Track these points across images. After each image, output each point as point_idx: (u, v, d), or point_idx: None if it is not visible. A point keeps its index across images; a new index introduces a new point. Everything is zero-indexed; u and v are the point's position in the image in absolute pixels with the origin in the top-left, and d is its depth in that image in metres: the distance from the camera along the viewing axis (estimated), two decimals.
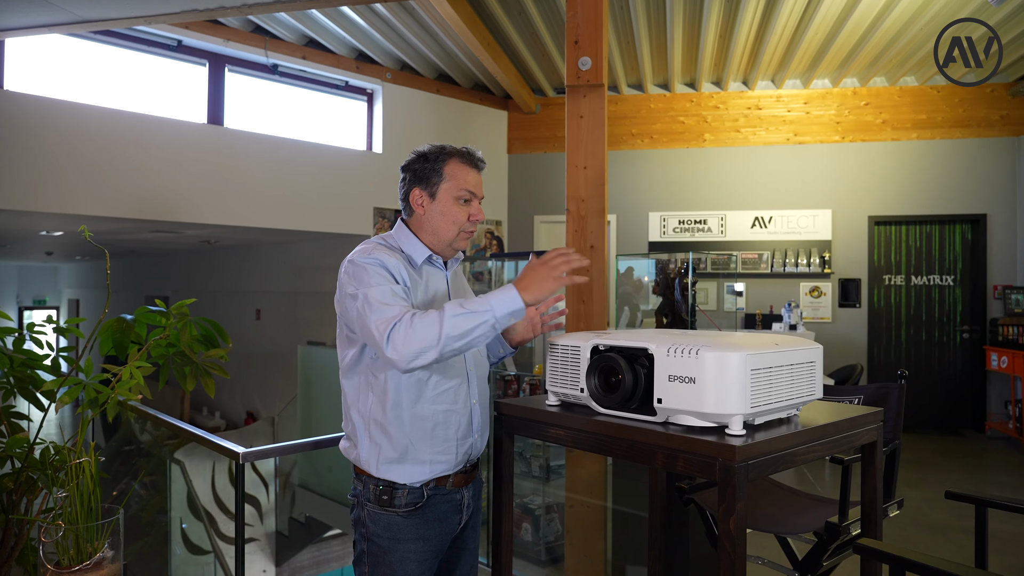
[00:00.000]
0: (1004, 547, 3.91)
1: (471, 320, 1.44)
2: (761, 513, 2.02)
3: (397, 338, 1.45)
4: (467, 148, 1.75)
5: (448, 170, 1.70)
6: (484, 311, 1.45)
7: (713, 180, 7.61)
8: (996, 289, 6.94)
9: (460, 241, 1.73)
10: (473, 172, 1.73)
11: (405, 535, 1.63)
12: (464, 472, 1.71)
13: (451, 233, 1.71)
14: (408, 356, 1.44)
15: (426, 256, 1.71)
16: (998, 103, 7.02)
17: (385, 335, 1.46)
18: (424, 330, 1.44)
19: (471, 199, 1.72)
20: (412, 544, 1.63)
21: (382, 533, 1.63)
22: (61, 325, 1.63)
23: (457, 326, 1.44)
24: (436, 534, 1.67)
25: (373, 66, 7.00)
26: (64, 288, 15.55)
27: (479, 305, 1.46)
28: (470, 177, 1.72)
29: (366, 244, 1.67)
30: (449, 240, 1.72)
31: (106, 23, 4.29)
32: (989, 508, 1.83)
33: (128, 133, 5.26)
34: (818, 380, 1.52)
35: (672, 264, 4.42)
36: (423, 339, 1.43)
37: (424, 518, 1.64)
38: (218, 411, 9.18)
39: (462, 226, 1.71)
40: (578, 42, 3.57)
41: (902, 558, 1.29)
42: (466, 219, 1.71)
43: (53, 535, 1.25)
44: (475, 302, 1.47)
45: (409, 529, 1.63)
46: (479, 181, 1.74)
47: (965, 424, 7.11)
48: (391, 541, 1.62)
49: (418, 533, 1.64)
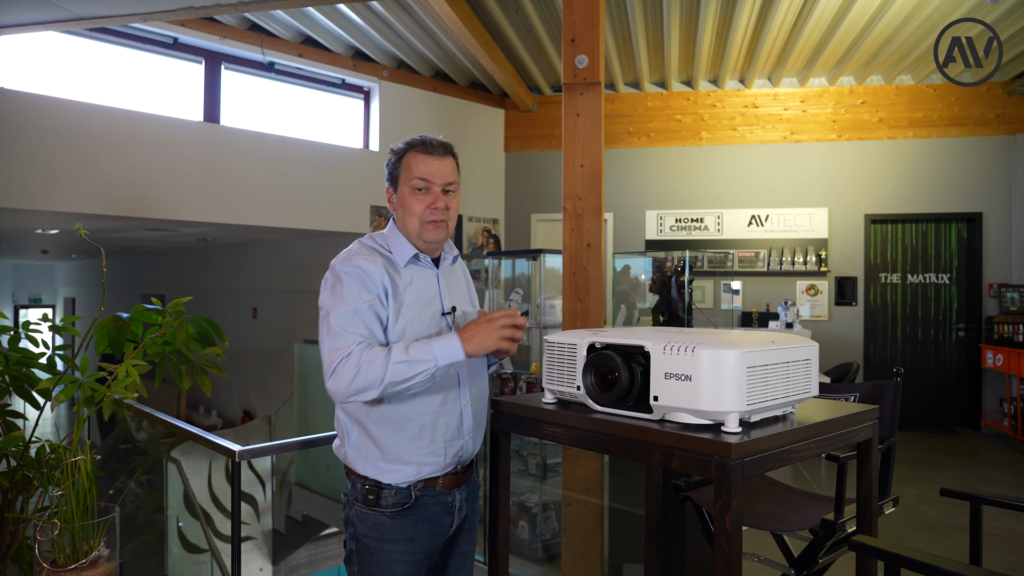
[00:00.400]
0: (999, 544, 3.93)
1: (413, 368, 1.49)
2: (757, 511, 2.03)
3: (340, 374, 1.50)
4: (423, 136, 1.70)
5: (405, 162, 1.68)
6: (427, 360, 1.50)
7: (710, 178, 7.62)
8: (992, 287, 6.97)
9: (427, 232, 1.66)
10: (429, 159, 1.66)
11: (392, 536, 1.60)
12: (455, 474, 1.68)
13: (414, 225, 1.66)
14: (346, 393, 1.50)
15: (411, 255, 1.67)
16: (994, 102, 7.04)
17: (331, 367, 1.51)
18: (367, 372, 1.49)
19: (427, 187, 1.65)
20: (400, 545, 1.60)
21: (369, 533, 1.62)
22: (57, 323, 1.63)
23: (399, 373, 1.49)
24: (425, 536, 1.63)
25: (370, 64, 6.99)
26: (60, 286, 15.51)
27: (422, 354, 1.50)
28: (422, 165, 1.65)
29: (353, 246, 1.68)
30: (415, 233, 1.67)
31: (102, 20, 4.28)
32: (984, 505, 1.84)
33: (124, 131, 5.25)
34: (814, 378, 1.52)
35: (669, 262, 4.43)
36: (364, 380, 1.49)
37: (412, 519, 1.62)
38: (215, 409, 9.17)
39: (421, 216, 1.65)
40: (575, 40, 3.57)
41: (897, 555, 1.30)
42: (424, 208, 1.65)
43: (49, 534, 1.25)
44: (420, 349, 1.50)
45: (396, 530, 1.61)
46: (439, 169, 1.66)
47: (961, 422, 7.14)
48: (378, 541, 1.61)
49: (406, 534, 1.61)
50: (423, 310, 1.66)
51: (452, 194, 1.70)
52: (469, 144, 7.82)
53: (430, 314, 1.67)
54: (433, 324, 1.66)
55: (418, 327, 1.63)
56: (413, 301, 1.65)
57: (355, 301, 1.56)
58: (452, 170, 1.70)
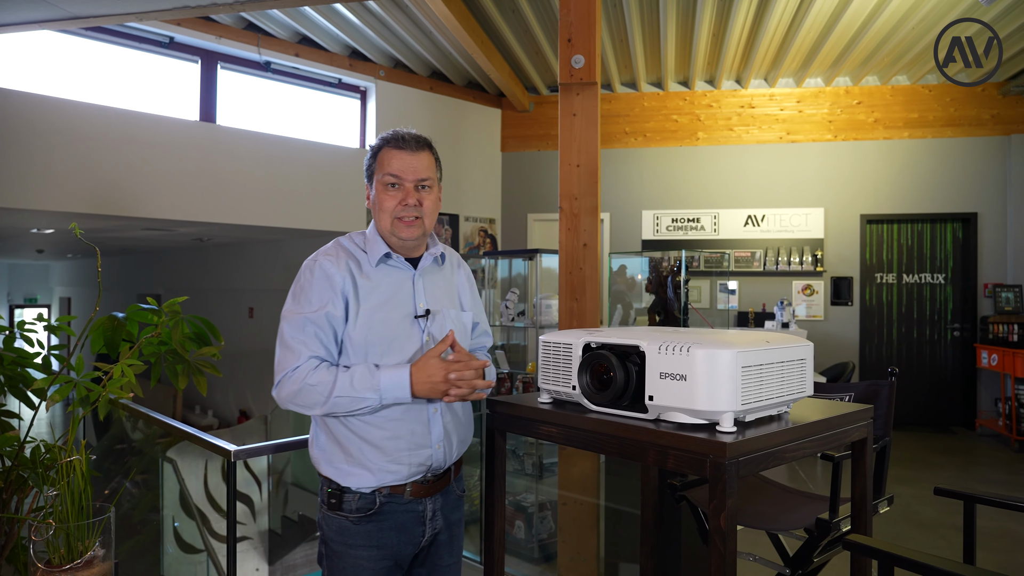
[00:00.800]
0: (993, 543, 3.95)
1: (355, 403, 1.49)
2: (752, 510, 2.03)
3: (283, 387, 1.51)
4: (397, 130, 1.65)
5: (379, 158, 1.63)
6: (370, 397, 1.48)
7: (706, 178, 7.63)
8: (987, 287, 6.99)
9: (400, 230, 1.60)
10: (401, 154, 1.61)
11: (357, 541, 1.55)
12: (424, 483, 1.60)
13: (386, 223, 1.61)
14: (286, 407, 1.51)
15: (382, 255, 1.60)
16: (989, 102, 7.06)
17: (277, 377, 1.52)
18: (308, 396, 1.49)
19: (399, 183, 1.60)
20: (365, 551, 1.54)
21: (335, 537, 1.57)
22: (52, 323, 1.63)
23: (340, 405, 1.49)
24: (393, 543, 1.56)
25: (366, 63, 6.99)
26: (55, 286, 15.46)
27: (367, 391, 1.48)
28: (395, 161, 1.60)
29: (327, 244, 1.65)
30: (388, 230, 1.61)
31: (98, 19, 4.27)
32: (978, 504, 1.85)
33: (120, 130, 5.23)
34: (809, 377, 1.52)
35: (665, 262, 4.44)
36: (304, 401, 1.50)
37: (379, 526, 1.55)
38: (211, 409, 9.15)
39: (393, 213, 1.59)
40: (571, 40, 3.57)
41: (890, 553, 1.30)
42: (396, 205, 1.59)
43: (44, 534, 1.25)
44: (365, 381, 1.48)
45: (361, 535, 1.55)
46: (411, 164, 1.60)
47: (956, 421, 7.16)
48: (343, 546, 1.55)
49: (371, 540, 1.55)
50: (392, 312, 1.58)
51: (427, 190, 1.63)
52: (466, 144, 7.81)
53: (400, 316, 1.59)
54: (403, 327, 1.58)
55: (383, 331, 1.56)
56: (381, 303, 1.58)
57: (310, 307, 1.54)
58: (427, 165, 1.63)
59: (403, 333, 1.58)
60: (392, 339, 1.56)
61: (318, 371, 1.49)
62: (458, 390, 1.51)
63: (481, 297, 4.69)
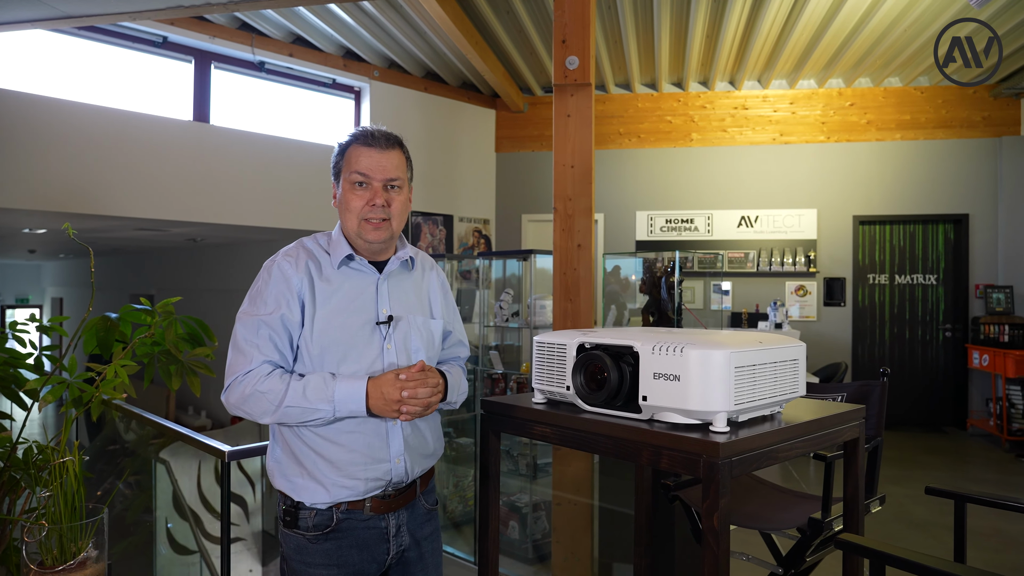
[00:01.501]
0: (985, 542, 3.97)
1: (307, 413, 1.41)
2: (746, 510, 2.04)
3: (232, 391, 1.44)
4: (366, 127, 1.57)
5: (346, 156, 1.56)
6: (323, 408, 1.41)
7: (700, 179, 7.66)
8: (978, 288, 7.03)
9: (367, 232, 1.52)
10: (370, 151, 1.53)
11: (316, 560, 1.47)
12: (383, 498, 1.51)
13: (352, 224, 1.53)
14: (234, 412, 1.45)
15: (343, 256, 1.53)
16: (980, 104, 7.11)
17: (227, 383, 1.45)
18: (257, 404, 1.42)
19: (366, 182, 1.52)
20: (325, 571, 1.46)
21: (293, 555, 1.49)
22: (44, 324, 1.62)
23: (291, 415, 1.41)
24: (355, 562, 1.48)
25: (361, 64, 6.98)
26: (47, 286, 15.38)
27: (320, 402, 1.40)
28: (363, 159, 1.52)
29: (290, 245, 1.59)
30: (354, 232, 1.54)
31: (91, 19, 4.26)
32: (968, 503, 1.86)
33: (113, 130, 5.21)
34: (801, 378, 1.53)
35: (659, 263, 4.45)
36: (252, 409, 1.43)
37: (338, 544, 1.47)
38: (204, 410, 9.12)
39: (360, 214, 1.52)
40: (565, 41, 3.58)
41: (882, 552, 1.31)
42: (363, 205, 1.51)
43: (36, 535, 1.24)
44: (320, 392, 1.40)
45: (320, 554, 1.46)
46: (380, 163, 1.53)
47: (948, 421, 7.20)
48: (302, 564, 1.48)
49: (330, 559, 1.46)
50: (351, 317, 1.50)
51: (397, 190, 1.55)
52: (460, 144, 7.81)
53: (360, 322, 1.51)
54: (362, 333, 1.50)
55: (342, 336, 1.48)
56: (341, 307, 1.50)
57: (265, 309, 1.48)
58: (397, 164, 1.55)
59: (362, 340, 1.50)
60: (350, 346, 1.48)
61: (270, 378, 1.43)
62: (410, 407, 1.43)
63: (476, 298, 4.70)
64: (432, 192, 7.46)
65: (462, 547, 3.73)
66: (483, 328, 4.43)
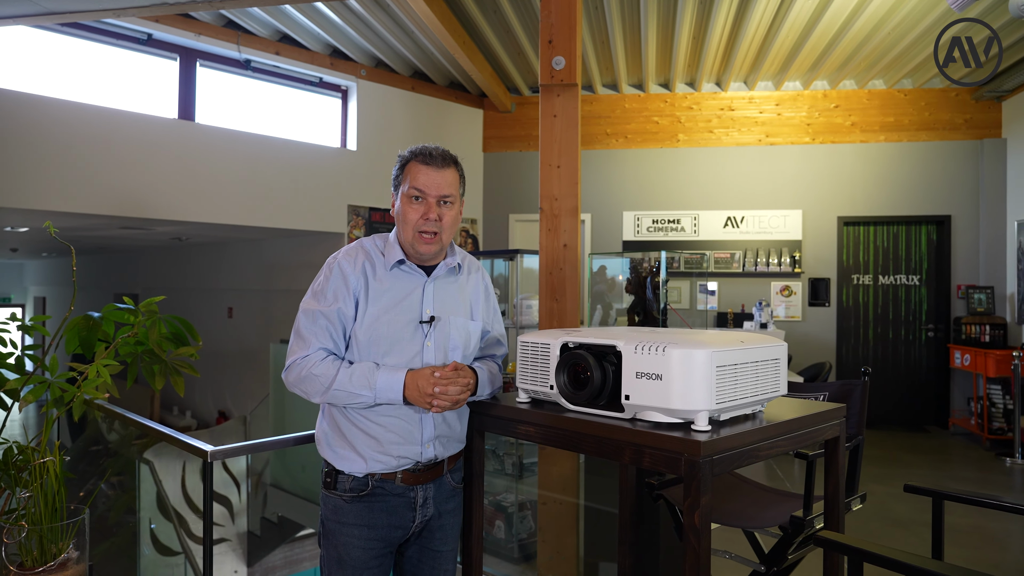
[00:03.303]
0: (964, 539, 4.02)
1: (352, 397, 1.60)
2: (728, 508, 2.06)
3: (291, 371, 1.64)
4: (426, 146, 1.74)
5: (406, 171, 1.72)
6: (365, 394, 1.60)
7: (686, 180, 7.70)
8: (960, 289, 7.12)
9: (419, 245, 1.68)
10: (427, 170, 1.69)
11: (348, 519, 1.66)
12: (414, 471, 1.69)
13: (408, 234, 1.69)
14: (291, 389, 1.66)
15: (396, 260, 1.69)
16: (962, 107, 7.20)
17: (287, 364, 1.66)
18: (310, 384, 1.62)
19: (422, 197, 1.68)
20: (356, 529, 1.65)
21: (330, 515, 1.69)
22: (26, 323, 1.61)
23: (338, 397, 1.61)
24: (383, 524, 1.67)
25: (348, 63, 6.96)
26: (29, 285, 15.21)
27: (363, 388, 1.59)
28: (420, 176, 1.68)
29: (353, 243, 1.76)
30: (409, 242, 1.70)
31: (74, 15, 4.22)
32: (946, 501, 1.89)
33: (96, 128, 5.17)
34: (783, 377, 1.55)
35: (645, 263, 4.47)
36: (306, 389, 1.63)
37: (370, 506, 1.66)
38: (189, 410, 9.06)
39: (415, 226, 1.67)
40: (552, 42, 3.59)
41: (860, 549, 1.33)
42: (418, 218, 1.67)
43: (16, 536, 1.23)
44: (363, 379, 1.59)
45: (352, 514, 1.66)
46: (436, 180, 1.68)
47: (930, 420, 7.28)
48: (337, 524, 1.67)
49: (362, 519, 1.65)
50: (398, 316, 1.67)
51: (449, 205, 1.70)
52: (447, 144, 7.65)
53: (405, 320, 1.67)
54: (407, 330, 1.67)
55: (388, 331, 1.66)
56: (390, 305, 1.67)
57: (325, 303, 1.65)
58: (451, 181, 1.71)
59: (406, 336, 1.67)
60: (394, 341, 1.65)
61: (324, 363, 1.61)
62: (440, 402, 1.59)
63: None
64: None
65: None
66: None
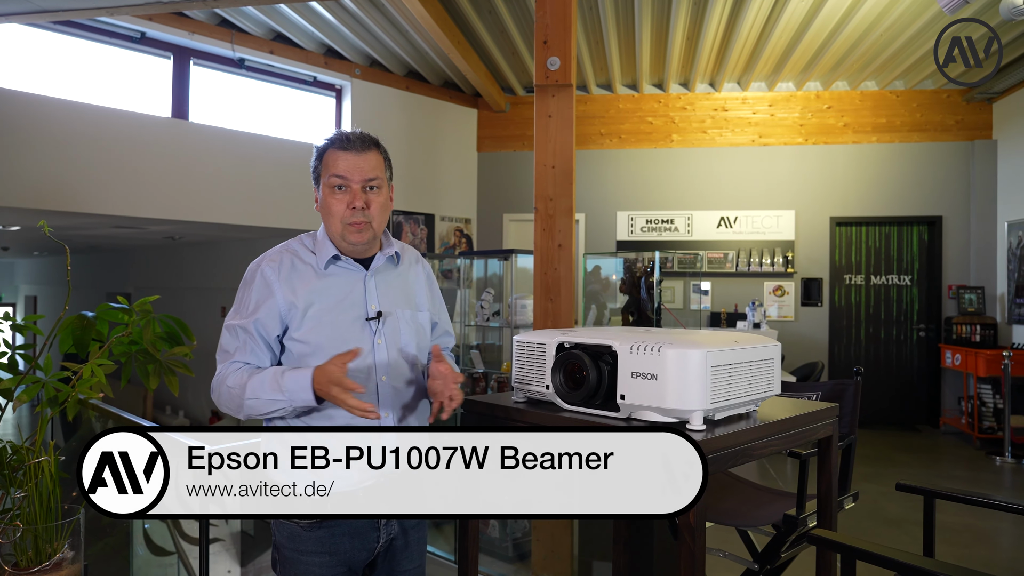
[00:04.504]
0: (955, 537, 4.05)
1: (267, 405, 1.45)
2: (722, 507, 2.07)
3: (214, 392, 1.53)
4: (342, 130, 1.60)
5: (325, 160, 1.58)
6: (279, 399, 1.44)
7: (680, 180, 7.72)
8: (951, 289, 7.17)
9: (349, 235, 1.55)
10: (347, 155, 1.55)
11: (309, 547, 1.50)
12: None
13: (336, 227, 1.56)
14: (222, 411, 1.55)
15: (330, 257, 1.57)
16: (953, 108, 7.24)
17: (213, 381, 1.53)
18: (229, 400, 1.49)
19: (345, 185, 1.54)
20: (317, 558, 1.50)
21: (286, 543, 1.53)
22: (18, 322, 1.60)
23: (255, 407, 1.47)
24: (346, 549, 1.52)
25: (342, 62, 6.95)
26: (21, 284, 15.11)
27: (275, 392, 1.44)
28: (340, 162, 1.54)
29: (274, 248, 1.62)
30: (338, 235, 1.57)
31: (68, 13, 4.20)
32: (937, 499, 1.90)
33: (90, 126, 5.14)
34: (776, 376, 1.56)
35: (639, 263, 4.48)
36: (228, 405, 1.50)
37: (331, 532, 1.51)
38: (182, 410, 9.02)
39: (342, 218, 1.54)
40: (547, 42, 3.60)
41: (852, 547, 1.34)
42: (344, 209, 1.54)
43: (11, 536, 1.23)
44: (273, 383, 1.44)
45: (312, 542, 1.50)
46: (358, 164, 1.55)
47: (921, 420, 7.33)
48: (295, 552, 1.51)
49: (323, 547, 1.50)
50: (341, 315, 1.55)
51: (376, 191, 1.57)
52: (442, 144, 7.80)
53: (351, 319, 1.55)
54: (354, 329, 1.55)
55: (333, 332, 1.52)
56: (331, 305, 1.54)
57: (245, 314, 1.53)
58: (375, 164, 1.58)
59: (353, 336, 1.54)
60: (342, 342, 1.51)
61: (236, 373, 1.48)
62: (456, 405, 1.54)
63: (457, 297, 4.70)
64: (413, 191, 7.44)
65: (442, 546, 3.73)
66: (464, 327, 4.44)
